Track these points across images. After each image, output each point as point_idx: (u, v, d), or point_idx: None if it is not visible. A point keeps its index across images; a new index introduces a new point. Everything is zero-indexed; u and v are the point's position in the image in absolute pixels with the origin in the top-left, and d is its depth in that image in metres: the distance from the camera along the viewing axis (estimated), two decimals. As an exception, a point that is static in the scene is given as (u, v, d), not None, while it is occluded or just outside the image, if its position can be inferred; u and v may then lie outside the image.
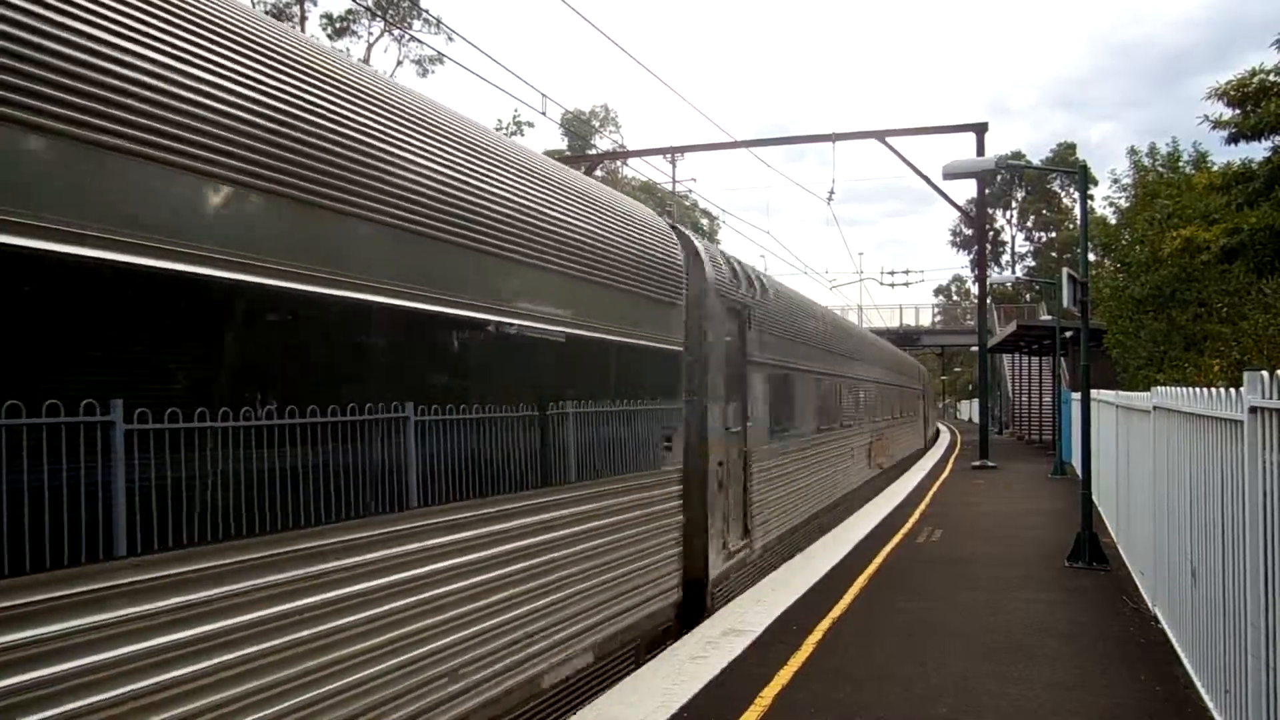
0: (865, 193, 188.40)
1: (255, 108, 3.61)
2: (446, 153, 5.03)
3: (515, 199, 5.64)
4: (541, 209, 5.95)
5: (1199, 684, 6.29)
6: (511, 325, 5.61)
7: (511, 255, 5.55)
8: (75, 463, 2.85)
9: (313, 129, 3.90)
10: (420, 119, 4.88)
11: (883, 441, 22.24)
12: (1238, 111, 14.28)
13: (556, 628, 5.85)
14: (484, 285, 5.24)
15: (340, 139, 4.07)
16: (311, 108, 3.93)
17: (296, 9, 46.01)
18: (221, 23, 3.58)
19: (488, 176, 5.40)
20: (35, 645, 2.70)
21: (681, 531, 8.25)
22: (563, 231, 6.23)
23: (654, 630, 7.75)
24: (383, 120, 4.47)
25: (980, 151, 27.47)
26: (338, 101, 4.14)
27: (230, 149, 3.46)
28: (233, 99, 3.48)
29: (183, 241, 3.23)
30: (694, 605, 8.65)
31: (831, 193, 44.59)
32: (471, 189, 5.18)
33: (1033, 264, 78.18)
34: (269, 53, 3.80)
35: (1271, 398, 4.48)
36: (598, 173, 42.09)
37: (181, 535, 3.19)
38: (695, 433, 8.61)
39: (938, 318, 70.81)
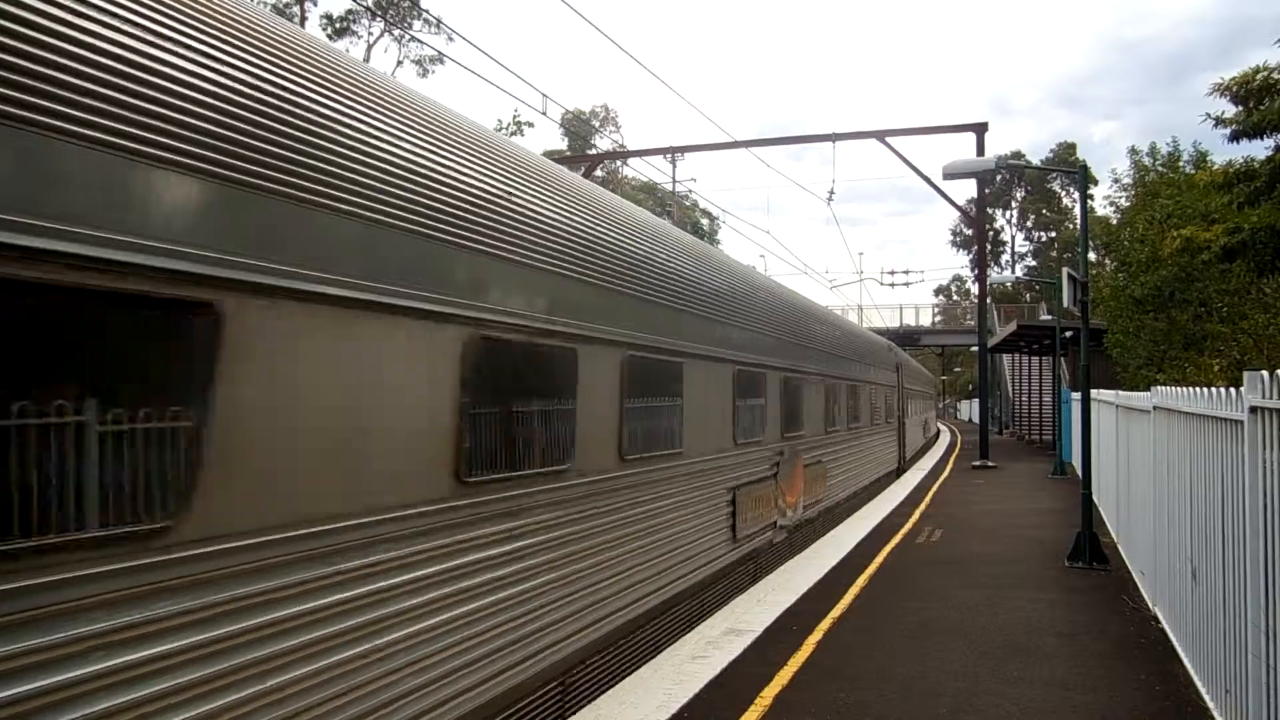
0: (866, 192, 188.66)
1: None
2: None
3: None
4: None
5: (1199, 684, 6.29)
6: None
7: None
8: None
9: None
10: None
11: (781, 487, 11.59)
12: (1240, 109, 14.29)
13: None
14: None
15: None
16: None
17: (296, 9, 46.02)
18: None
19: None
20: None
21: None
22: None
23: None
24: None
25: (980, 151, 27.48)
26: None
27: None
28: None
29: None
30: None
31: (831, 193, 44.60)
32: None
33: (1033, 264, 78.24)
34: None
35: (1271, 398, 4.48)
36: (598, 173, 42.10)
37: None
38: None
39: (938, 318, 70.76)
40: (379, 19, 49.05)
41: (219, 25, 3.63)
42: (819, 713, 6.14)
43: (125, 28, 3.17)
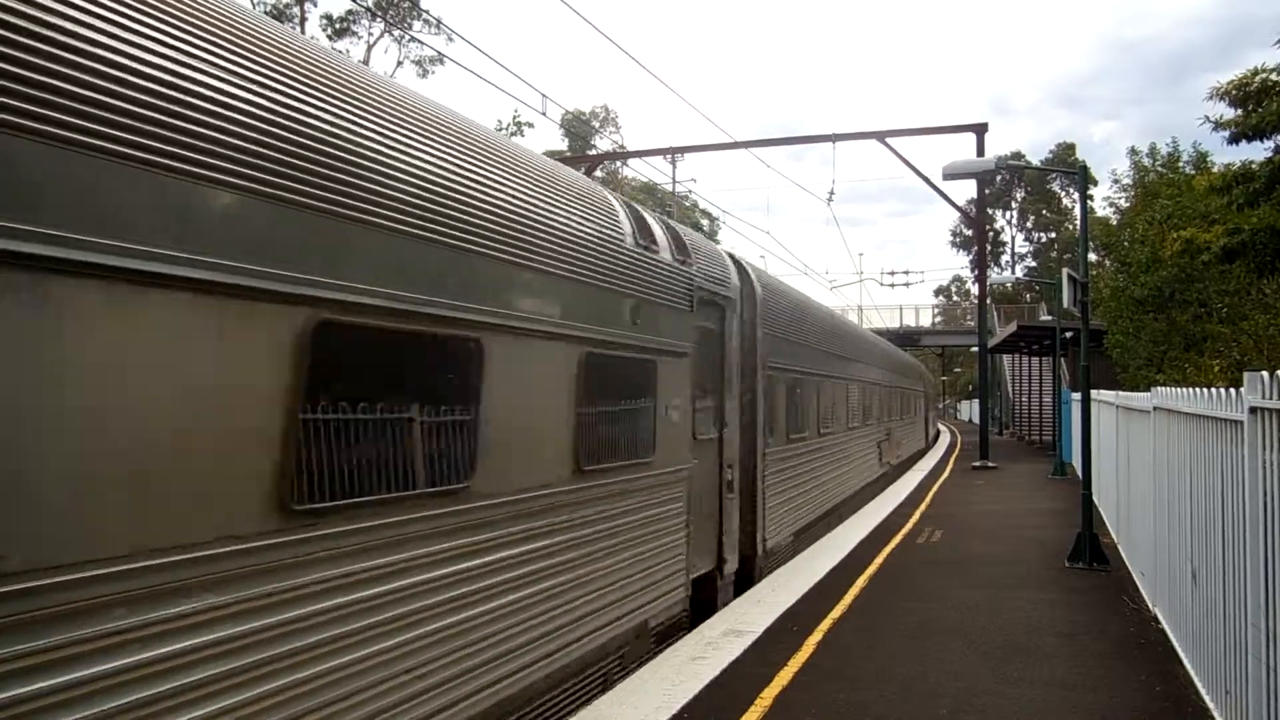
0: (866, 193, 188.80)
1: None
2: None
3: None
4: None
5: (1199, 684, 6.29)
6: None
7: None
8: None
9: None
10: None
11: None
12: (1239, 111, 14.31)
13: None
14: None
15: None
16: None
17: (296, 9, 46.04)
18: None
19: None
20: None
21: None
22: None
23: None
24: None
25: (980, 152, 27.47)
26: None
27: None
28: None
29: None
30: None
31: (831, 193, 44.71)
32: None
33: (1033, 264, 78.26)
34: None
35: (1271, 398, 4.48)
36: (598, 173, 42.12)
37: None
38: None
39: (938, 318, 70.84)
40: (379, 19, 49.07)
41: None
42: (819, 713, 6.14)
43: None
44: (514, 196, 5.57)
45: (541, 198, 5.95)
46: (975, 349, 43.95)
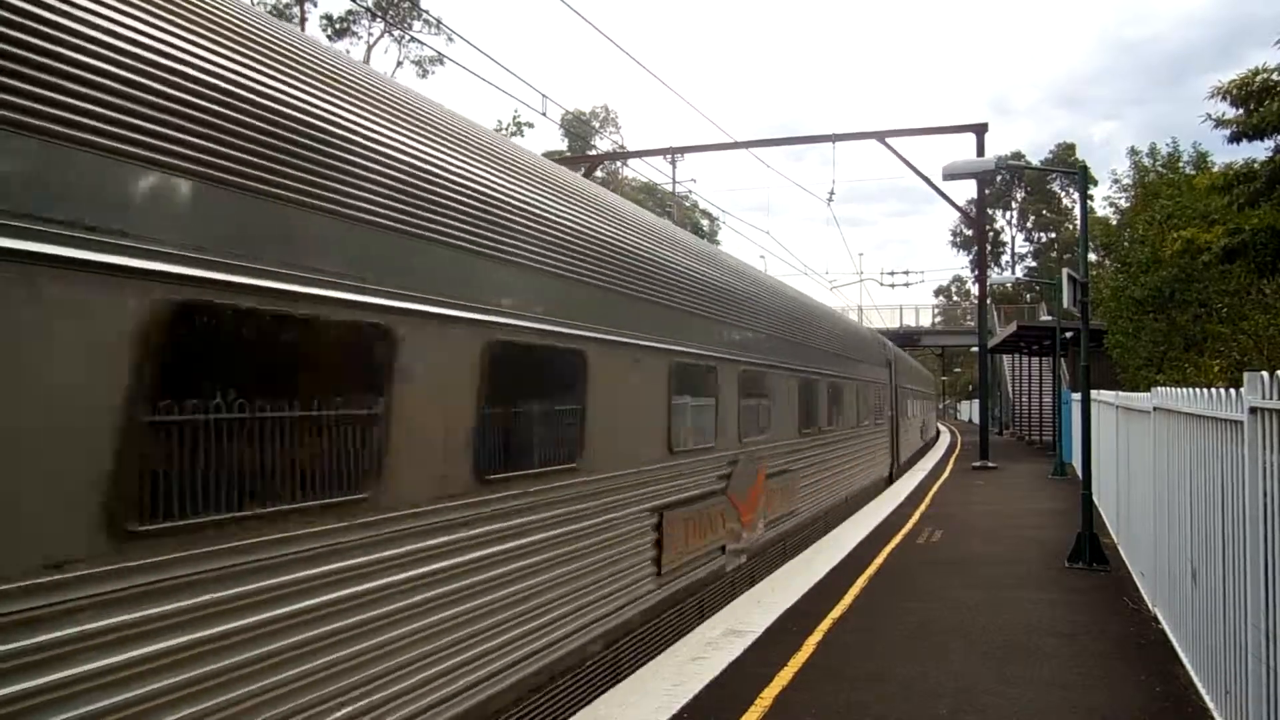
0: (866, 193, 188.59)
1: None
2: None
3: None
4: None
5: (1199, 684, 6.29)
6: None
7: None
8: None
9: None
10: None
11: None
12: (1240, 111, 14.30)
13: None
14: None
15: None
16: None
17: (296, 10, 46.04)
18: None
19: None
20: None
21: None
22: None
23: None
24: None
25: (980, 152, 27.46)
26: None
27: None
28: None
29: None
30: None
31: (831, 193, 44.71)
32: None
33: (1033, 264, 78.25)
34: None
35: (1271, 398, 4.48)
36: (598, 173, 42.11)
37: None
38: None
39: (938, 318, 70.77)
40: (379, 20, 49.07)
41: None
42: (819, 713, 6.14)
43: None
44: None
45: None
46: (975, 349, 43.94)
